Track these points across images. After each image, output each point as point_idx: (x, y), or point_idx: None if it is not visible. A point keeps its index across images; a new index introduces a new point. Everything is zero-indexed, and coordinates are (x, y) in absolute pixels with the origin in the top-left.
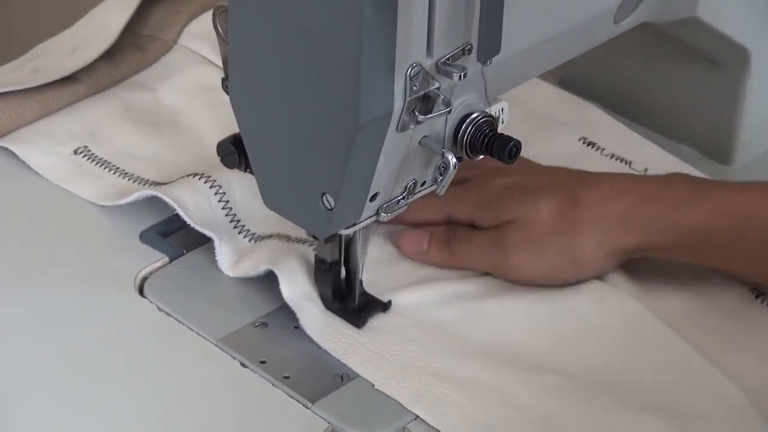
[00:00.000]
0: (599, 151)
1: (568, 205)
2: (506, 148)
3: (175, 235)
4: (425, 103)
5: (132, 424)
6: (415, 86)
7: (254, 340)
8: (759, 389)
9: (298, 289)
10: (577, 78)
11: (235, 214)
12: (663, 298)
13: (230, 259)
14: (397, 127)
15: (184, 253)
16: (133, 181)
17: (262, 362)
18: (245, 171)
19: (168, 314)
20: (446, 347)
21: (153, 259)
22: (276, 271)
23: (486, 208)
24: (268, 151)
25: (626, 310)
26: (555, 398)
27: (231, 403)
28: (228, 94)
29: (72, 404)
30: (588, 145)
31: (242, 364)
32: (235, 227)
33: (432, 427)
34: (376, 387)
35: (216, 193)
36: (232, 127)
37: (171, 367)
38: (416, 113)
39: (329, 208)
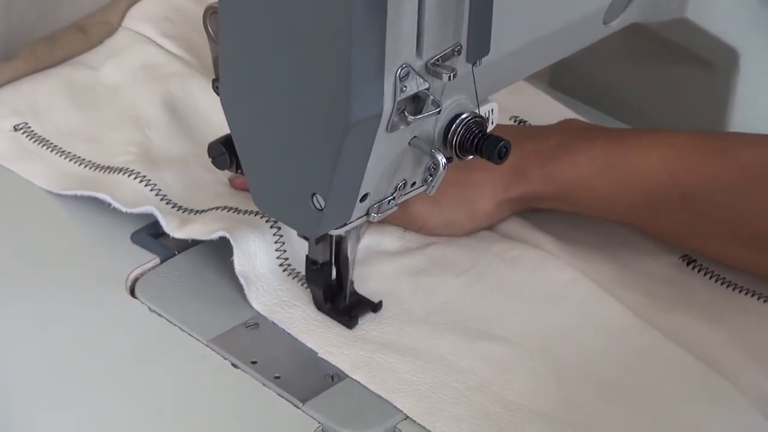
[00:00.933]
0: None
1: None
2: (496, 149)
3: (166, 236)
4: (415, 103)
5: (123, 425)
6: (405, 87)
7: (245, 341)
8: (700, 346)
9: (247, 263)
10: (566, 79)
11: (170, 200)
12: (597, 266)
13: (174, 222)
14: (387, 128)
15: (175, 254)
16: (73, 162)
17: (254, 362)
18: (236, 172)
19: (159, 315)
20: (389, 317)
21: (144, 260)
22: (231, 239)
23: None
24: (259, 151)
25: (562, 277)
26: (493, 365)
27: (222, 404)
28: (218, 95)
29: (63, 404)
30: None
31: (233, 365)
32: (173, 207)
33: (421, 426)
34: (319, 354)
35: (152, 190)
36: (171, 100)
37: (162, 367)
38: (406, 114)
39: (319, 208)
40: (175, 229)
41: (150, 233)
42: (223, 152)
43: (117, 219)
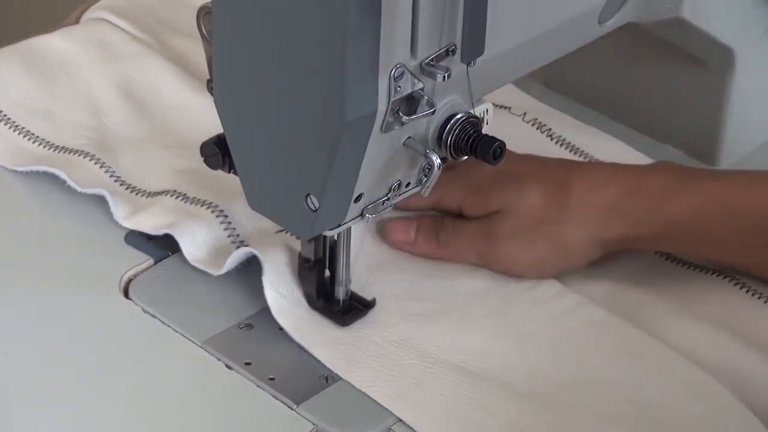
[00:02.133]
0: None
1: (555, 194)
2: (490, 149)
3: (160, 237)
4: (409, 104)
5: (117, 426)
6: (399, 87)
7: (239, 342)
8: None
9: (197, 252)
10: (561, 79)
11: (124, 181)
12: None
13: (124, 209)
14: (381, 128)
15: (169, 255)
16: (28, 139)
17: (247, 364)
18: (229, 172)
19: (153, 316)
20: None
21: (138, 260)
22: (176, 236)
23: (474, 195)
24: (253, 152)
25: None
26: (416, 320)
27: (216, 405)
28: (212, 95)
29: (56, 405)
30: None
31: (227, 366)
32: (126, 189)
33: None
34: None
35: (106, 171)
36: (124, 84)
37: (156, 369)
38: (400, 114)
39: (314, 209)
40: (123, 217)
41: (144, 234)
42: (216, 152)
43: (111, 220)
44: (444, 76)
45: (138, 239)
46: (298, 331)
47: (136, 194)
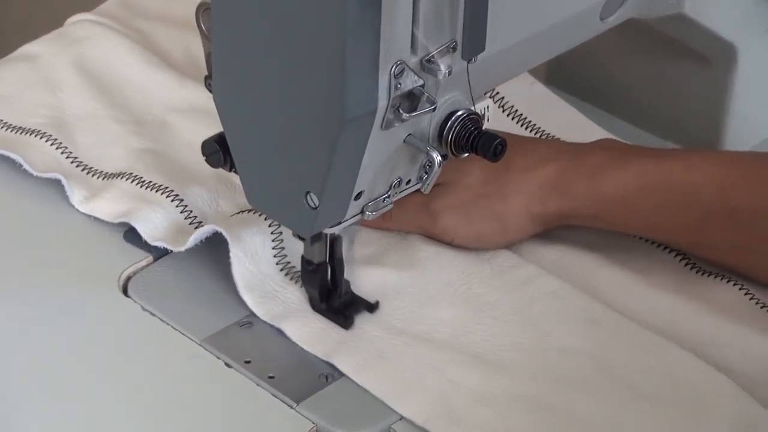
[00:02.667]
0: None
1: (495, 170)
2: (491, 146)
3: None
4: (410, 100)
5: (116, 425)
6: (400, 84)
7: (239, 340)
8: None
9: (156, 233)
10: (563, 75)
11: (81, 162)
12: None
13: (80, 193)
14: (381, 125)
15: (168, 253)
16: None
17: (247, 362)
18: (230, 170)
19: (152, 314)
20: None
21: (137, 258)
22: (132, 222)
23: None
24: (252, 149)
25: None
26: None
27: (215, 404)
28: (211, 92)
29: (55, 403)
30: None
31: (227, 364)
32: (82, 170)
33: (418, 426)
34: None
35: (63, 153)
36: (80, 61)
37: (155, 367)
38: (401, 111)
39: (313, 206)
40: (79, 202)
41: None
42: (217, 150)
43: None
44: (445, 73)
45: (137, 236)
46: (263, 307)
47: (93, 176)
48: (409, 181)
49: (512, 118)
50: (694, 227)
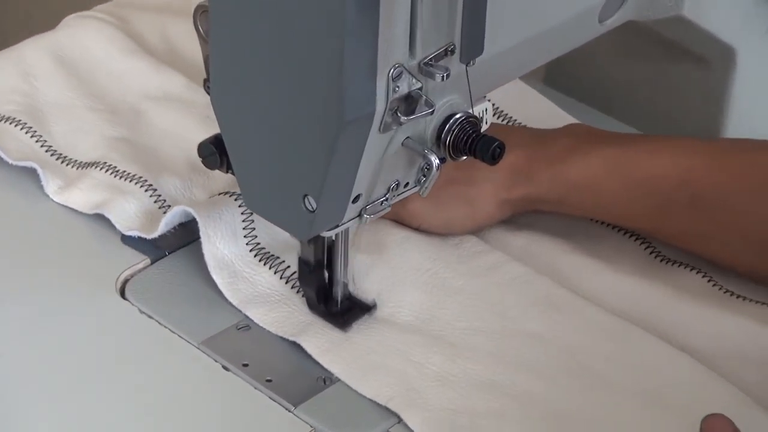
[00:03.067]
0: None
1: None
2: (490, 149)
3: (157, 237)
4: (408, 103)
5: (114, 427)
6: (398, 87)
7: (236, 343)
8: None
9: (129, 223)
10: (562, 77)
11: (55, 150)
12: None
13: (55, 182)
14: (379, 128)
15: (166, 255)
16: None
17: (245, 365)
18: (227, 172)
19: (150, 317)
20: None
21: (135, 260)
22: (106, 214)
23: None
24: (250, 152)
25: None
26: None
27: (213, 407)
28: (209, 94)
29: (53, 406)
30: None
31: (224, 367)
32: (57, 159)
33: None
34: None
35: (37, 141)
36: (55, 49)
37: (153, 370)
38: (399, 114)
39: (311, 209)
40: (54, 192)
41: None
42: (214, 152)
43: (108, 219)
44: (443, 76)
45: (134, 239)
46: (232, 288)
47: (67, 165)
48: (407, 184)
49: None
50: (657, 214)
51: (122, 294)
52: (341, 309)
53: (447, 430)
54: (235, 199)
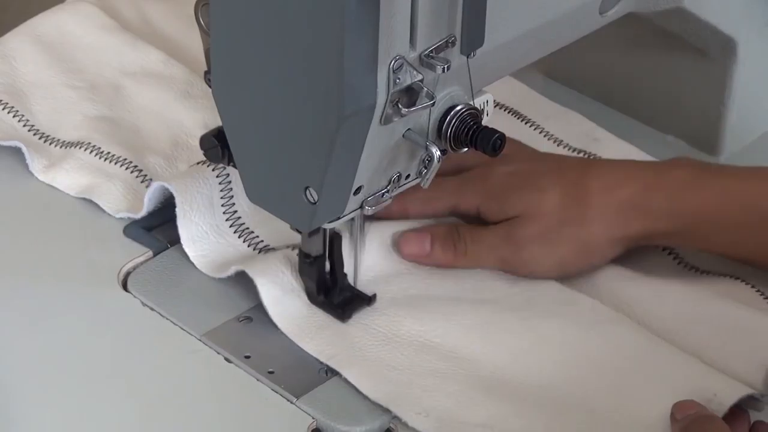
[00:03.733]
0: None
1: (574, 195)
2: (490, 141)
3: (159, 229)
4: (409, 95)
5: (116, 420)
6: (399, 79)
7: (238, 335)
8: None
9: (117, 205)
10: (562, 69)
11: (38, 130)
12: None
13: (40, 162)
14: (380, 120)
15: (168, 247)
16: None
17: (247, 357)
18: (228, 164)
19: (152, 309)
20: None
21: (137, 253)
22: (94, 199)
23: (492, 199)
24: (251, 144)
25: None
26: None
27: (215, 399)
28: (210, 87)
29: (57, 399)
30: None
31: (226, 359)
32: (40, 138)
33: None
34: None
35: (20, 120)
36: (37, 30)
37: (155, 362)
38: (400, 106)
39: (313, 201)
40: (40, 171)
41: (143, 226)
42: (216, 145)
43: (109, 213)
44: (443, 68)
45: (137, 231)
46: (204, 260)
47: (51, 144)
48: (408, 176)
49: (508, 112)
50: None
51: (124, 286)
52: (342, 300)
53: (386, 384)
54: (213, 169)
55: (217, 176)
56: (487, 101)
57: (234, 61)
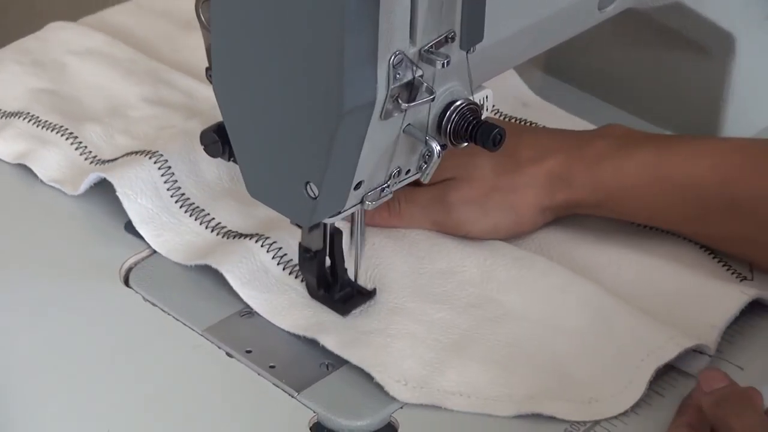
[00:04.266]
0: None
1: (505, 163)
2: (490, 136)
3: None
4: (409, 91)
5: (118, 414)
6: (398, 74)
7: (240, 330)
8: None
9: (52, 173)
10: (561, 65)
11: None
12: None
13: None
14: (380, 116)
15: None
16: None
17: (248, 352)
18: (229, 160)
19: (153, 304)
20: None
21: (138, 248)
22: (29, 164)
23: None
24: (252, 140)
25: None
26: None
27: (217, 394)
28: (211, 83)
29: (58, 394)
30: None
31: (228, 354)
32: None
33: (419, 416)
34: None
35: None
36: None
37: (157, 357)
38: (400, 101)
39: (313, 196)
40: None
41: None
42: (216, 140)
43: (111, 208)
44: (443, 63)
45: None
46: (159, 239)
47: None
48: (408, 171)
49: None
50: (697, 217)
51: (126, 282)
52: (343, 295)
53: (365, 348)
54: (150, 158)
55: (155, 162)
56: (487, 96)
57: (235, 57)
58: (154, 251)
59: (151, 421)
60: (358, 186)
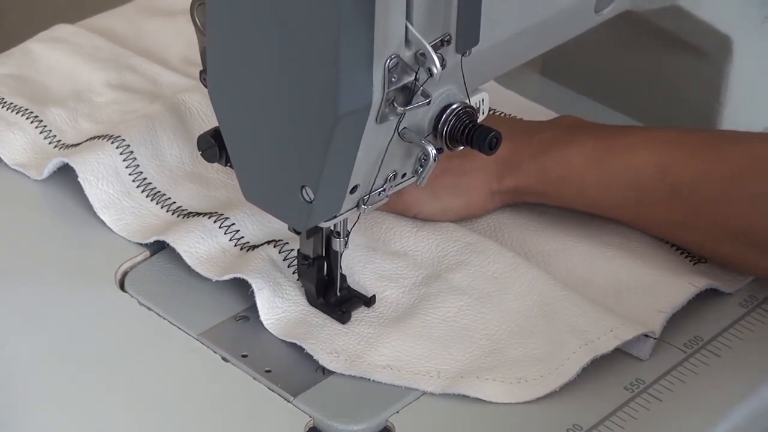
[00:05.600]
0: None
1: None
2: (486, 139)
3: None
4: (404, 94)
5: (113, 419)
6: (394, 78)
7: (235, 334)
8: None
9: (16, 157)
10: (558, 68)
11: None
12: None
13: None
14: (376, 119)
15: (165, 247)
16: None
17: (244, 356)
18: (225, 164)
19: (149, 309)
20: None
21: (134, 253)
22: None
23: None
24: (248, 144)
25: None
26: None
27: (213, 398)
28: (206, 87)
29: (53, 398)
30: None
31: (223, 358)
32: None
33: (417, 421)
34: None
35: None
36: None
37: (152, 362)
38: (395, 105)
39: (309, 200)
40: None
41: None
42: (213, 145)
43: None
44: (439, 67)
45: None
46: (120, 223)
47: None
48: (404, 175)
49: None
50: (637, 205)
51: (122, 286)
52: (340, 299)
53: (301, 326)
54: (112, 143)
55: (116, 147)
56: (483, 99)
57: (230, 60)
58: (150, 255)
59: (147, 426)
60: (353, 190)
